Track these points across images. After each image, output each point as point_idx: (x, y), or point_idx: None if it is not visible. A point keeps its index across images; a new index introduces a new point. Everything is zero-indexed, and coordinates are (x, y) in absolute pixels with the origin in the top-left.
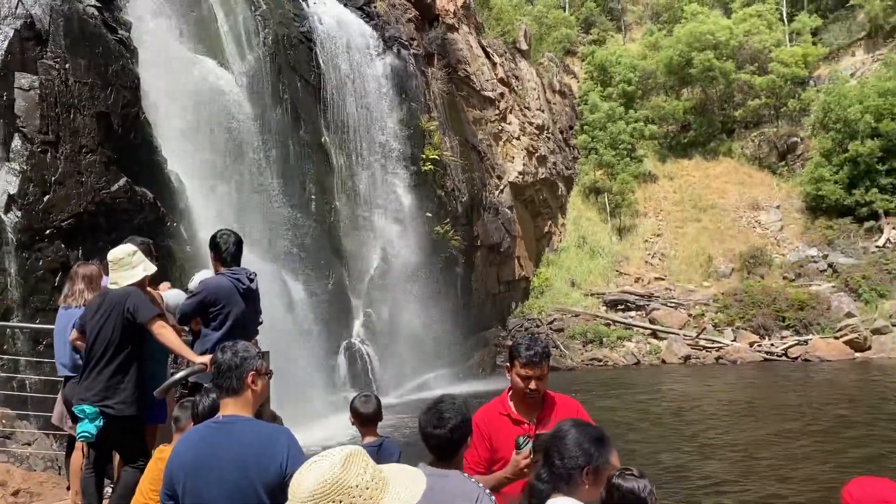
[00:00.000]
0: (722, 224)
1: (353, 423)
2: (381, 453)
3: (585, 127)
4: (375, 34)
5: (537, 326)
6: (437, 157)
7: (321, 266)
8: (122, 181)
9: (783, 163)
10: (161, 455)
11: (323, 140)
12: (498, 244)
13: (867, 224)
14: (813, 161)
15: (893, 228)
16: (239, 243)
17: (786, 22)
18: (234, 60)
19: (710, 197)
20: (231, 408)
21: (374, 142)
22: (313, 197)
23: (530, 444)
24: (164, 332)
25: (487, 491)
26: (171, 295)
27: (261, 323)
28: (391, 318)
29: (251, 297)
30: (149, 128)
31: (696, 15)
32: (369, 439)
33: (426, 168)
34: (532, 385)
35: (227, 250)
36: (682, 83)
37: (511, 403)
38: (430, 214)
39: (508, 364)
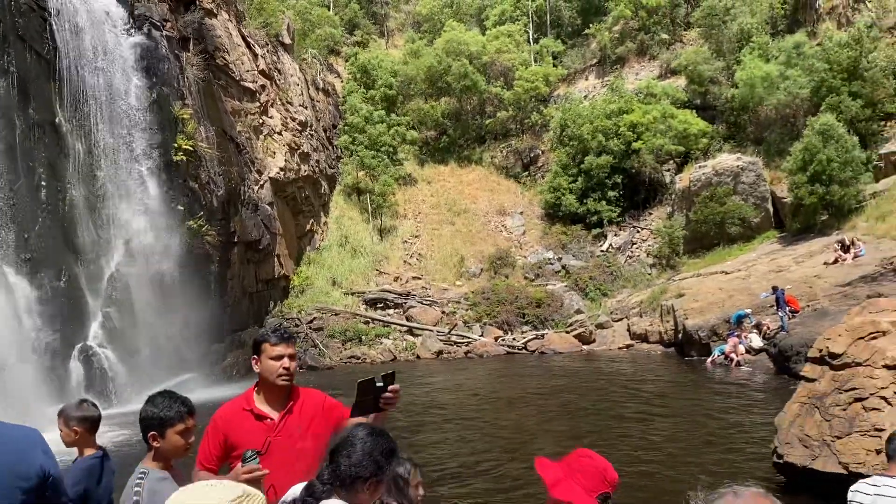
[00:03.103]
0: (473, 227)
1: (74, 434)
2: (105, 467)
3: (347, 127)
4: (123, 11)
5: (296, 326)
6: (190, 146)
7: (51, 261)
8: None
9: (526, 173)
10: None
11: (57, 121)
12: (257, 241)
13: (595, 231)
14: (552, 172)
15: (615, 235)
16: None
17: (531, 43)
18: None
19: (464, 202)
20: None
21: (118, 126)
22: (44, 183)
23: (256, 461)
24: None
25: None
26: None
27: None
28: (135, 319)
29: None
30: None
31: (455, 29)
32: (90, 451)
33: (178, 158)
34: (286, 363)
35: None
36: (440, 92)
37: (256, 399)
38: (181, 208)
39: (255, 356)
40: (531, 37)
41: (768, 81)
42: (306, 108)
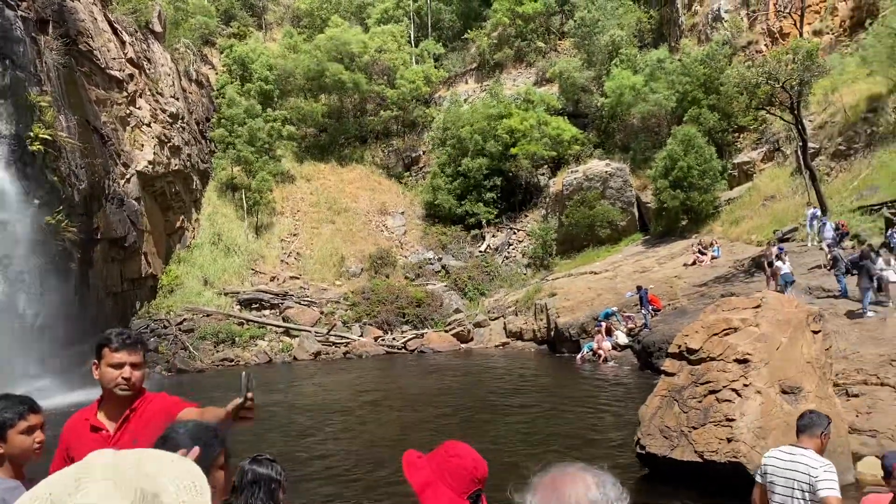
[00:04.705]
0: (354, 227)
1: None
2: None
3: (223, 121)
4: None
5: (165, 327)
6: (49, 136)
7: None
8: None
9: (408, 173)
10: None
11: None
12: (122, 238)
13: (473, 232)
14: (432, 173)
15: (493, 236)
16: None
17: (412, 45)
18: None
19: (344, 200)
20: None
21: None
22: None
23: None
24: None
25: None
26: None
27: None
28: None
29: None
30: None
31: (337, 26)
32: None
33: (35, 148)
34: (126, 372)
35: None
36: (320, 88)
37: (98, 408)
38: (38, 202)
39: (96, 360)
40: (412, 38)
41: (635, 92)
42: (178, 99)
